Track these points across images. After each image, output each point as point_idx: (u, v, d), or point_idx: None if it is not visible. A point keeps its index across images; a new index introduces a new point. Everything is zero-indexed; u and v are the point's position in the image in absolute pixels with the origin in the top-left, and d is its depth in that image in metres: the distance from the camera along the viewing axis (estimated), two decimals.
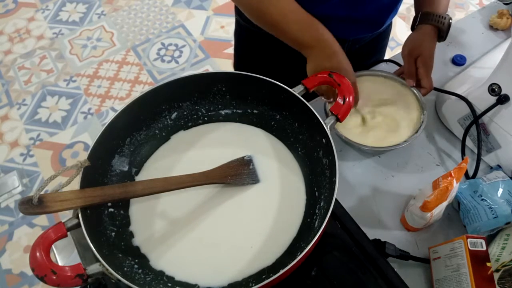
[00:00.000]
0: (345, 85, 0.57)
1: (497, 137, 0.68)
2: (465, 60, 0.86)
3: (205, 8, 2.26)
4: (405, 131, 0.70)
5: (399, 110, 0.73)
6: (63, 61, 2.06)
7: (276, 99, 0.60)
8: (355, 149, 0.73)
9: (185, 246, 0.54)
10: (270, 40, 0.68)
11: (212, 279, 0.51)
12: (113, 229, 0.53)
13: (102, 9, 2.28)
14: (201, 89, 0.63)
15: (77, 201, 0.47)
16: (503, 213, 0.58)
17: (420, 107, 0.73)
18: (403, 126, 0.71)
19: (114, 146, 0.58)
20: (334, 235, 0.58)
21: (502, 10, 0.92)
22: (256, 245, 0.53)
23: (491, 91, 0.66)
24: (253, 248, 0.53)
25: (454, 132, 0.75)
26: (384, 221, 0.66)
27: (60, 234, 0.45)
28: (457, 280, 0.53)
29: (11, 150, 1.76)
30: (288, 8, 0.62)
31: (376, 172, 0.71)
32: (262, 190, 0.58)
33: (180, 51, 2.07)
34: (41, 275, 0.41)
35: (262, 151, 0.62)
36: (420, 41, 0.74)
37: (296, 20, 0.62)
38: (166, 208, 0.57)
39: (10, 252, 1.50)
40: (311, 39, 0.62)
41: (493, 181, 0.63)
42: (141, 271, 0.51)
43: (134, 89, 1.94)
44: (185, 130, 0.64)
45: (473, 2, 2.25)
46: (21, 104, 1.91)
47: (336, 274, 0.55)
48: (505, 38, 0.90)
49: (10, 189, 1.64)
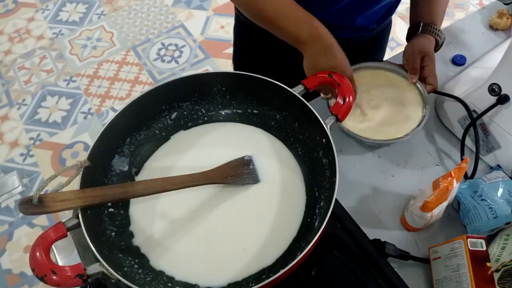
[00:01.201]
0: (345, 85, 0.57)
1: (497, 137, 0.68)
2: (465, 60, 0.86)
3: (205, 8, 2.26)
4: (406, 125, 0.70)
5: (401, 104, 0.73)
6: (63, 61, 2.06)
7: (276, 99, 0.60)
8: (356, 142, 0.74)
9: (185, 246, 0.54)
10: (268, 36, 0.68)
11: (212, 279, 0.51)
12: (113, 229, 0.53)
13: (102, 9, 2.28)
14: (201, 89, 0.63)
15: (77, 201, 0.47)
16: (503, 213, 0.58)
17: (422, 102, 0.73)
18: (404, 120, 0.71)
19: (114, 146, 0.58)
20: (334, 235, 0.57)
21: (502, 10, 0.92)
22: (256, 245, 0.53)
23: (491, 91, 0.66)
24: (253, 248, 0.53)
25: (454, 132, 0.75)
26: (384, 221, 0.66)
27: (60, 234, 0.45)
28: (457, 280, 0.53)
29: (11, 150, 1.76)
30: (283, 4, 0.63)
31: (376, 172, 0.71)
32: (262, 190, 0.58)
33: (180, 51, 2.07)
34: (41, 275, 0.41)
35: (262, 151, 0.62)
36: (425, 43, 0.76)
37: (291, 16, 0.63)
38: (166, 208, 0.57)
39: (10, 252, 1.50)
40: (306, 35, 0.62)
41: (493, 181, 0.63)
42: (141, 271, 0.51)
43: (134, 89, 1.94)
44: (185, 130, 0.64)
45: (473, 2, 2.25)
46: (21, 104, 1.91)
47: (336, 274, 0.55)
48: (505, 38, 0.90)
49: (10, 189, 1.64)
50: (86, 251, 0.57)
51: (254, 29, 0.77)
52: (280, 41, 0.65)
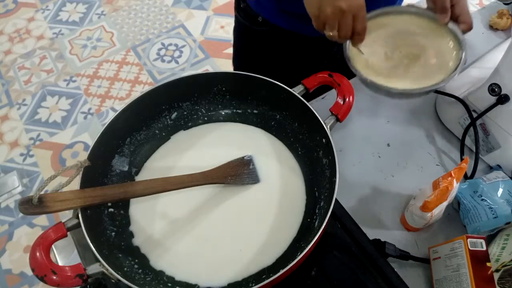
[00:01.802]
0: (345, 85, 0.57)
1: (497, 137, 0.68)
2: None
3: (205, 8, 2.26)
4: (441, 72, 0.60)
5: (432, 49, 0.63)
6: (63, 61, 2.06)
7: (276, 99, 0.60)
8: (382, 93, 0.62)
9: (185, 246, 0.54)
10: (268, 37, 0.67)
11: (212, 279, 0.51)
12: (113, 229, 0.53)
13: (102, 9, 2.28)
14: (201, 89, 0.63)
15: (77, 201, 0.47)
16: (503, 213, 0.58)
17: (457, 44, 0.62)
18: (438, 67, 0.61)
19: (114, 146, 0.58)
20: (334, 235, 0.57)
21: (502, 10, 0.92)
22: (256, 245, 0.53)
23: (491, 91, 0.66)
24: (253, 248, 0.53)
25: (454, 132, 0.75)
26: (384, 221, 0.66)
27: (60, 234, 0.45)
28: (457, 280, 0.53)
29: (11, 150, 1.76)
30: None
31: (376, 172, 0.71)
32: (262, 190, 0.58)
33: (180, 51, 2.07)
34: (41, 275, 0.41)
35: (262, 151, 0.62)
36: None
37: None
38: (166, 208, 0.57)
39: (10, 252, 1.50)
40: None
41: (493, 181, 0.63)
42: (141, 271, 0.51)
43: (134, 89, 1.94)
44: (185, 130, 0.64)
45: (473, 2, 2.24)
46: (21, 104, 1.91)
47: (336, 274, 0.55)
48: (505, 38, 0.90)
49: (10, 189, 1.64)
50: (86, 251, 0.57)
51: (253, 31, 0.77)
52: (280, 42, 0.65)
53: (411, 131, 0.76)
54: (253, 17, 0.79)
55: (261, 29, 0.65)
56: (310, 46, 0.80)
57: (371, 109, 0.78)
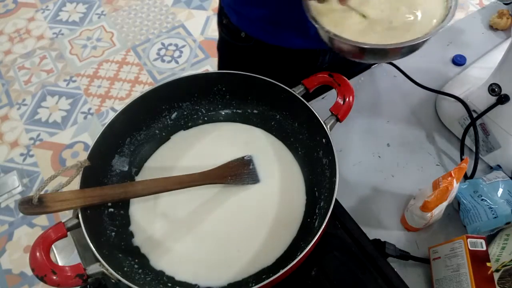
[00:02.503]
0: (345, 85, 0.57)
1: (497, 137, 0.68)
2: (465, 60, 0.85)
3: (205, 8, 2.26)
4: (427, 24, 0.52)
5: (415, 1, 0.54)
6: (63, 61, 2.06)
7: (276, 99, 0.60)
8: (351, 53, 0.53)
9: (185, 246, 0.54)
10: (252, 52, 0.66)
11: (212, 279, 0.51)
12: (113, 229, 0.53)
13: (102, 9, 2.28)
14: (201, 89, 0.63)
15: (77, 201, 0.47)
16: (503, 213, 0.58)
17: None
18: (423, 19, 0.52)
19: (114, 146, 0.58)
20: (334, 235, 0.57)
21: (502, 10, 0.92)
22: (256, 245, 0.53)
23: (491, 91, 0.66)
24: (253, 248, 0.53)
25: (454, 132, 0.75)
26: (384, 221, 0.66)
27: (60, 234, 0.45)
28: (457, 280, 0.53)
29: (11, 150, 1.76)
30: None
31: (376, 172, 0.71)
32: (262, 190, 0.58)
33: (180, 51, 2.07)
34: (41, 275, 0.41)
35: (262, 151, 0.62)
36: None
37: None
38: (166, 208, 0.57)
39: (10, 252, 1.50)
40: None
41: (493, 181, 0.63)
42: (141, 271, 0.51)
43: (134, 89, 1.94)
44: (185, 130, 0.64)
45: (473, 2, 2.24)
46: (21, 104, 1.91)
47: (336, 274, 0.55)
48: (505, 38, 0.90)
49: (10, 189, 1.64)
50: (86, 251, 0.57)
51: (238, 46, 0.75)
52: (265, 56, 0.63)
53: (411, 131, 0.76)
54: (235, 33, 0.77)
55: (245, 44, 0.65)
56: (295, 59, 0.78)
57: (371, 109, 0.78)
